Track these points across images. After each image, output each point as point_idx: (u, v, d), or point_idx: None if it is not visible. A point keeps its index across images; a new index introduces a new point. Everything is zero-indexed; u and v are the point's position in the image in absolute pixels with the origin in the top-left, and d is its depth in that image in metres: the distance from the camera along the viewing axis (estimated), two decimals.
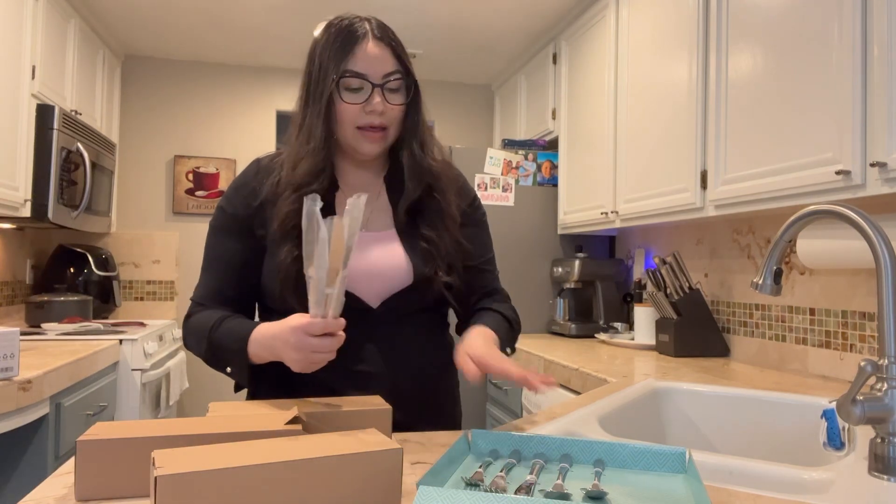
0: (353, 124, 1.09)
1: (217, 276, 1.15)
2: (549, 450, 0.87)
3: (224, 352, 1.06)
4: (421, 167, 1.14)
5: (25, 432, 1.84)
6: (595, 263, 2.89)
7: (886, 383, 0.85)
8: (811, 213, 0.97)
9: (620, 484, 0.79)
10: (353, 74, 1.06)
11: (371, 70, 1.07)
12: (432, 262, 1.13)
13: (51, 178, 2.56)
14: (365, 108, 1.08)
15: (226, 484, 0.62)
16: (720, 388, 1.52)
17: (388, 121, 1.10)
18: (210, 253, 1.17)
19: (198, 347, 1.11)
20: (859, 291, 1.74)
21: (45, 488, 0.75)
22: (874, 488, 0.81)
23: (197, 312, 1.14)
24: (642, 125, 2.33)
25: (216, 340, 1.07)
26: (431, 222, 1.15)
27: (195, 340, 1.11)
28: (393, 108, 1.10)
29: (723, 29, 1.88)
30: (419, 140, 1.15)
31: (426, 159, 1.15)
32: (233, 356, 1.05)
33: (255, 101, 3.93)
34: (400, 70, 1.10)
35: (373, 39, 1.08)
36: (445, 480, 0.76)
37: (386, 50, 1.09)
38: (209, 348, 1.08)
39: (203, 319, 1.10)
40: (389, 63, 1.09)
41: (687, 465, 0.82)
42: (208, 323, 1.08)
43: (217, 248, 1.16)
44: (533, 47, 3.45)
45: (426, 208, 1.16)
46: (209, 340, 1.07)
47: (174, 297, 3.79)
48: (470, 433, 0.89)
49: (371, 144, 1.11)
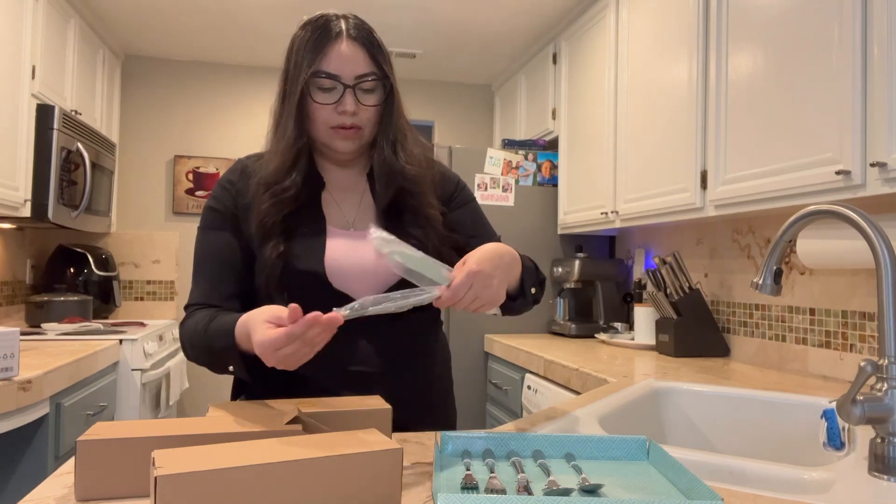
0: (325, 124, 1.08)
1: (211, 275, 1.12)
2: (520, 447, 0.89)
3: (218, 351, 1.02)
4: (391, 170, 1.13)
5: (25, 432, 1.84)
6: (595, 263, 2.89)
7: (886, 383, 0.85)
8: (811, 213, 0.97)
9: (603, 475, 0.81)
10: (325, 75, 1.05)
11: (343, 71, 1.06)
12: None
13: (51, 178, 2.56)
14: (337, 109, 1.07)
15: (226, 484, 0.62)
16: (720, 388, 1.52)
17: (361, 122, 1.09)
18: (202, 253, 1.14)
19: (194, 354, 1.07)
20: (859, 291, 1.74)
21: (45, 488, 0.75)
22: (874, 488, 0.81)
23: (188, 318, 1.09)
24: (642, 125, 2.33)
25: (208, 341, 1.02)
26: (415, 221, 1.14)
27: (190, 347, 1.08)
28: (367, 108, 1.09)
29: (723, 29, 1.88)
30: (391, 142, 1.14)
31: (398, 162, 1.13)
32: (227, 353, 1.00)
33: (255, 101, 3.93)
34: (374, 72, 1.08)
35: (346, 39, 1.06)
36: (455, 488, 0.76)
37: (360, 50, 1.07)
38: (205, 352, 1.04)
39: (191, 325, 1.07)
40: (363, 64, 1.07)
41: (649, 452, 0.87)
42: (197, 327, 1.05)
43: (210, 246, 1.13)
44: (533, 47, 3.45)
45: (407, 209, 1.15)
46: (203, 344, 1.03)
47: (174, 297, 3.79)
48: (439, 436, 0.90)
49: (344, 142, 1.10)
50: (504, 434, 0.91)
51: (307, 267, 1.08)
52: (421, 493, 0.76)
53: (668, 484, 0.78)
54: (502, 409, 2.70)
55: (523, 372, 2.42)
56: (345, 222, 1.15)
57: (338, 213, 1.15)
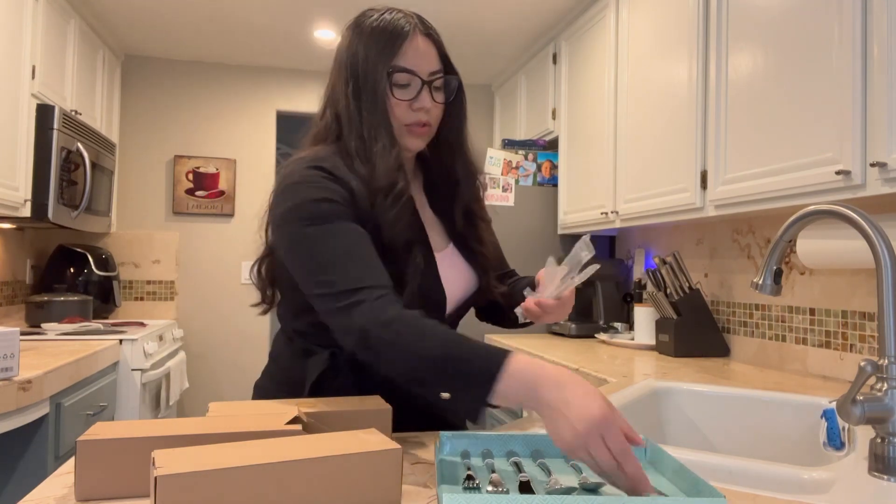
0: (400, 121, 1.05)
1: (372, 260, 0.92)
2: (519, 446, 0.90)
3: (468, 374, 0.80)
4: (474, 171, 1.14)
5: (25, 432, 1.84)
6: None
7: (886, 383, 0.85)
8: (811, 213, 0.97)
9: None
10: (403, 70, 1.02)
11: (419, 66, 1.03)
12: (487, 272, 1.14)
13: (51, 178, 2.56)
14: (413, 106, 1.04)
15: (226, 484, 0.62)
16: (720, 388, 1.52)
17: (433, 119, 1.08)
18: (347, 240, 0.92)
19: (397, 352, 0.85)
20: (859, 291, 1.74)
21: (45, 488, 0.75)
22: (874, 488, 0.81)
23: (382, 300, 0.87)
24: (642, 125, 2.33)
25: (444, 350, 0.82)
26: (474, 232, 1.14)
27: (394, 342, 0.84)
28: (438, 106, 1.08)
29: (723, 29, 1.88)
30: (468, 142, 1.14)
31: (475, 164, 1.14)
32: (478, 379, 0.79)
33: (255, 101, 3.93)
34: (443, 69, 1.07)
35: (421, 35, 1.05)
36: (456, 488, 0.76)
37: (432, 47, 1.06)
38: (427, 359, 0.83)
39: (407, 318, 0.86)
40: (435, 60, 1.06)
41: (647, 451, 0.87)
42: (422, 323, 0.85)
43: (357, 235, 0.94)
44: (533, 47, 3.45)
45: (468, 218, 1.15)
46: (433, 350, 0.82)
47: (174, 297, 3.79)
48: (439, 436, 0.90)
49: (416, 139, 1.07)
50: (504, 434, 0.91)
51: (427, 291, 1.04)
52: (421, 493, 0.76)
53: (668, 483, 0.78)
54: (502, 409, 2.70)
55: None
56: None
57: None
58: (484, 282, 1.14)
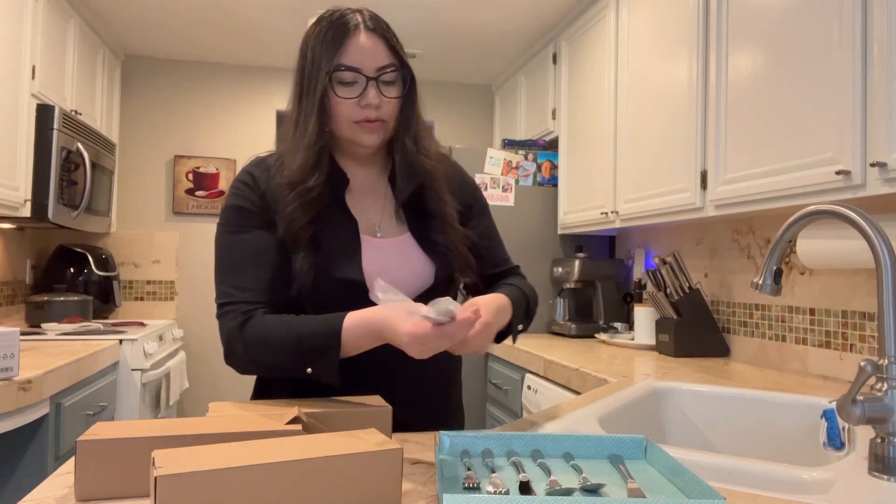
0: (349, 119, 1.06)
1: (257, 276, 1.04)
2: (519, 446, 0.90)
3: (313, 351, 0.96)
4: (414, 165, 1.11)
5: (25, 432, 1.84)
6: (595, 263, 2.89)
7: (886, 383, 0.85)
8: (811, 213, 0.97)
9: (603, 475, 0.82)
10: (347, 68, 1.03)
11: (364, 63, 1.03)
12: (448, 263, 1.12)
13: (51, 178, 2.56)
14: (360, 103, 1.04)
15: (226, 484, 0.62)
16: (720, 388, 1.52)
17: (385, 114, 1.07)
18: (238, 256, 1.05)
19: (264, 356, 1.00)
20: (859, 291, 1.74)
21: (45, 488, 0.75)
22: (874, 488, 0.81)
23: (252, 320, 1.01)
24: (642, 125, 2.33)
25: (294, 342, 0.97)
26: (440, 227, 1.13)
27: (261, 348, 1.00)
28: (389, 101, 1.07)
29: (723, 29, 1.88)
30: (412, 135, 1.12)
31: (419, 156, 1.12)
32: (326, 354, 0.96)
33: (255, 101, 3.93)
34: (394, 63, 1.06)
35: (365, 31, 1.04)
36: (457, 488, 0.76)
37: (379, 41, 1.05)
38: (285, 353, 0.98)
39: (265, 326, 1.00)
40: (383, 55, 1.05)
41: (646, 451, 0.87)
42: (275, 328, 0.99)
43: (247, 247, 1.05)
44: (533, 47, 3.45)
45: (428, 210, 1.13)
46: (286, 346, 0.97)
47: (174, 297, 3.79)
48: (438, 435, 0.90)
49: (370, 135, 1.07)
50: (504, 434, 0.91)
51: (345, 275, 1.05)
52: (421, 493, 0.76)
53: (668, 483, 0.78)
54: (502, 409, 2.70)
55: (523, 372, 2.42)
56: (371, 227, 1.12)
57: (364, 217, 1.13)
58: (444, 273, 1.12)
